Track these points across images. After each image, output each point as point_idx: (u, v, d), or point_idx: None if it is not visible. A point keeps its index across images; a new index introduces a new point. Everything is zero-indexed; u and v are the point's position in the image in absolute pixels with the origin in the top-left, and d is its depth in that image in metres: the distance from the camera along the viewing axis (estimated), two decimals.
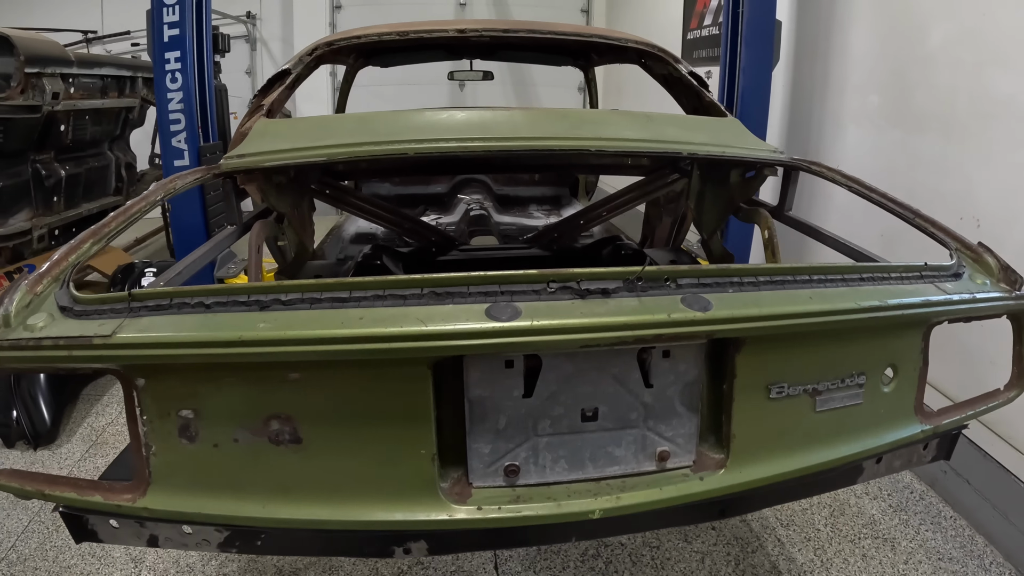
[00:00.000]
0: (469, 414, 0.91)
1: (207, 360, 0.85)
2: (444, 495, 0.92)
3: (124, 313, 0.90)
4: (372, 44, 2.14)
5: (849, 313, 0.96)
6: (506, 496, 0.93)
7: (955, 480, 2.29)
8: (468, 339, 0.80)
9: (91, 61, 3.68)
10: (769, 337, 0.95)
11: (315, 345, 0.81)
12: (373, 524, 0.92)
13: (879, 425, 1.15)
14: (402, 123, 1.51)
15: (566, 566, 2.04)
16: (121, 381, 0.94)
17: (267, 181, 1.50)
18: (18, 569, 2.03)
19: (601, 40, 2.10)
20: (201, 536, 1.08)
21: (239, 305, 0.88)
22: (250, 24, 6.19)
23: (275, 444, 0.91)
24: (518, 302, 0.84)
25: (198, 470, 0.94)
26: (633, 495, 0.95)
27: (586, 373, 0.91)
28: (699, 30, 3.87)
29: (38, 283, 0.96)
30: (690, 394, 0.97)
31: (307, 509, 0.92)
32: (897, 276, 1.09)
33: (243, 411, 0.90)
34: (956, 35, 2.24)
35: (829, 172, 1.49)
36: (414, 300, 0.85)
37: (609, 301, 0.85)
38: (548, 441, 0.94)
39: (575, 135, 1.42)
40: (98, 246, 1.12)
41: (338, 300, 0.86)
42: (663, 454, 0.98)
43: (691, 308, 0.85)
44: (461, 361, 0.89)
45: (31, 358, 0.88)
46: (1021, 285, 1.21)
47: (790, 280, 0.97)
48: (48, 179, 3.42)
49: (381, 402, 0.88)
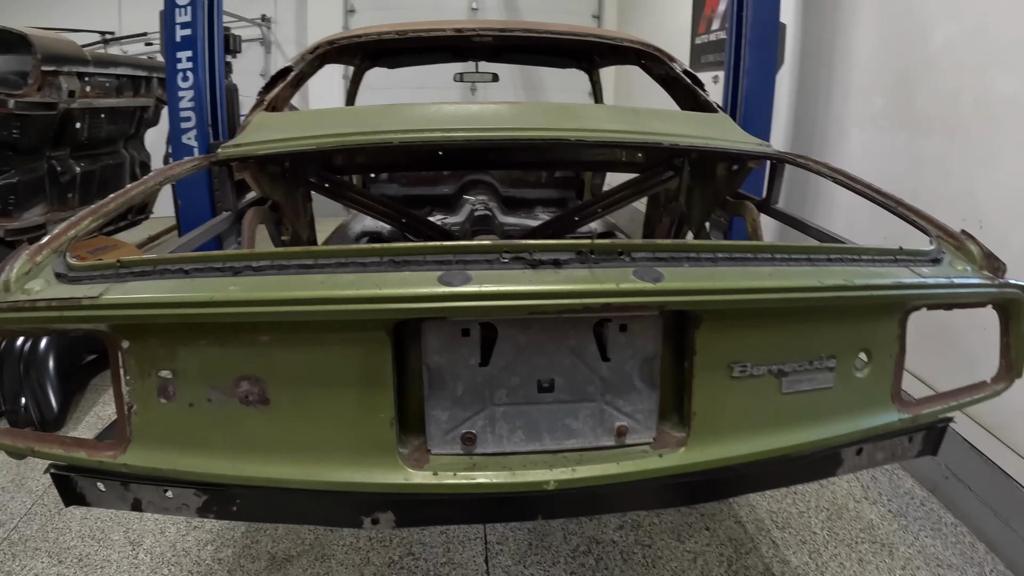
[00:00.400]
0: (427, 381, 0.97)
1: (182, 320, 0.93)
2: (403, 460, 0.97)
3: (112, 278, 0.98)
4: (373, 43, 2.23)
5: (810, 291, 0.98)
6: (462, 463, 0.98)
7: (956, 486, 2.28)
8: (418, 302, 0.86)
9: (107, 60, 3.84)
10: (728, 313, 0.99)
11: (279, 306, 0.88)
12: (334, 485, 0.97)
13: (852, 411, 1.16)
14: (391, 115, 1.58)
15: (556, 562, 2.07)
16: (107, 343, 1.02)
17: (261, 170, 1.58)
18: (19, 549, 2.12)
19: (598, 40, 2.17)
20: (181, 500, 1.15)
21: (214, 271, 0.95)
22: (265, 27, 6.39)
23: (245, 405, 0.97)
24: (471, 271, 0.90)
25: (174, 429, 1.01)
26: (590, 468, 0.99)
27: (541, 344, 0.96)
28: (707, 34, 3.93)
29: (38, 253, 1.04)
30: (649, 370, 1.01)
31: (273, 468, 0.98)
32: (868, 259, 1.11)
33: (216, 372, 0.97)
34: (958, 36, 2.26)
35: (815, 165, 1.53)
36: (373, 267, 0.91)
37: (560, 271, 0.90)
38: (505, 411, 0.98)
39: (557, 126, 1.48)
40: (96, 223, 1.20)
41: (304, 267, 0.92)
42: (621, 429, 1.01)
43: (642, 279, 0.89)
44: (419, 328, 0.94)
45: (26, 319, 0.97)
46: (1004, 273, 1.22)
47: (750, 257, 1.01)
48: (63, 175, 3.58)
49: (344, 366, 0.94)
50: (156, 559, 2.09)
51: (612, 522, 2.24)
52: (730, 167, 1.68)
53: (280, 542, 2.18)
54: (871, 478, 2.51)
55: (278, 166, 1.66)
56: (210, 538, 2.21)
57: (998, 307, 1.25)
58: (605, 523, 2.24)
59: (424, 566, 2.05)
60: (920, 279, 1.10)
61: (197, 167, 1.48)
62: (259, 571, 2.04)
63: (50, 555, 2.11)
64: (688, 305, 0.94)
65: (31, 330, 1.07)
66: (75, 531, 2.23)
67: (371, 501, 1.09)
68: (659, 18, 5.45)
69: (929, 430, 1.36)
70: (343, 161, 1.98)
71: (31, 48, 3.33)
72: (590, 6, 6.90)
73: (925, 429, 1.35)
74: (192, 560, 2.10)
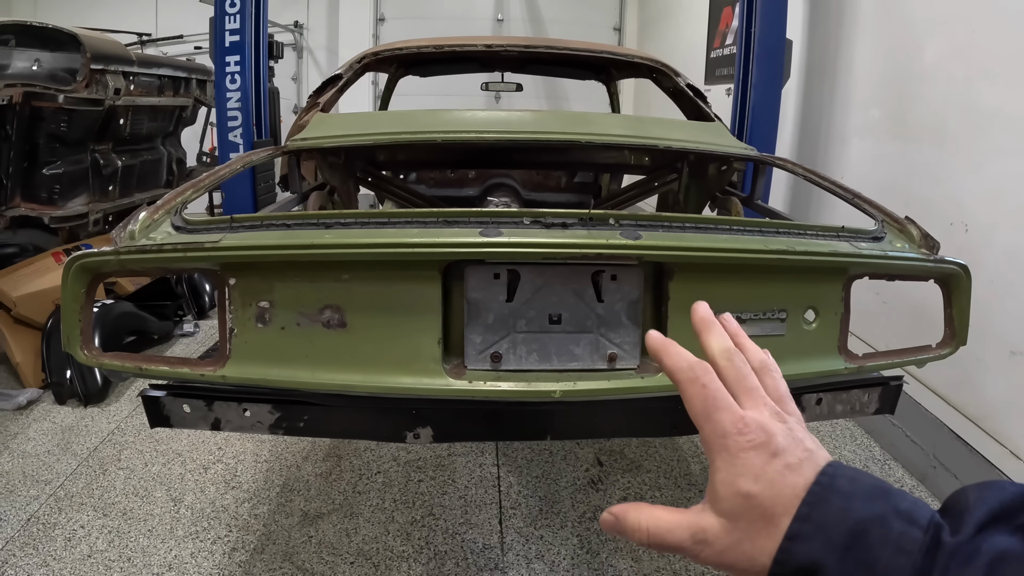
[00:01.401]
0: (467, 312, 1.40)
1: (285, 259, 1.36)
2: (446, 372, 1.40)
3: (227, 229, 1.42)
4: (413, 55, 2.71)
5: (757, 253, 1.40)
6: (491, 376, 1.40)
7: (944, 475, 2.65)
8: (465, 248, 1.30)
9: (150, 61, 4.38)
10: (694, 268, 1.41)
11: (363, 249, 1.31)
12: (393, 390, 1.39)
13: (803, 356, 1.55)
14: (434, 118, 2.05)
15: (564, 525, 2.47)
16: (217, 280, 1.43)
17: (323, 160, 2.04)
18: (65, 504, 2.55)
19: (611, 56, 2.63)
20: (256, 418, 1.58)
21: (311, 226, 1.39)
22: (297, 33, 6.99)
23: (327, 328, 1.40)
24: (503, 228, 1.33)
25: (267, 347, 1.42)
26: (587, 383, 1.41)
27: (552, 286, 1.39)
28: (721, 49, 4.39)
29: (155, 212, 1.46)
30: (634, 311, 1.44)
31: (345, 376, 1.41)
32: (813, 233, 1.52)
33: (306, 302, 1.40)
34: (949, 51, 2.68)
35: (790, 165, 1.96)
36: (432, 224, 1.35)
37: (566, 231, 1.34)
38: (524, 337, 1.41)
39: (571, 130, 1.93)
40: (198, 194, 1.65)
41: (380, 223, 1.37)
42: (612, 356, 1.44)
43: (625, 238, 1.33)
44: (463, 272, 1.38)
45: (152, 260, 1.37)
46: (938, 250, 1.62)
47: (712, 227, 1.43)
48: (105, 168, 4.10)
49: (406, 298, 1.38)
50: (196, 514, 2.52)
51: (616, 493, 2.65)
52: (720, 167, 2.12)
53: (312, 501, 2.61)
54: (863, 465, 2.89)
55: (337, 158, 2.13)
56: (247, 496, 2.65)
57: (940, 282, 1.65)
58: (610, 494, 2.64)
59: (444, 525, 2.47)
60: (855, 250, 1.51)
61: (271, 156, 1.95)
62: (292, 526, 2.46)
63: (95, 509, 2.54)
64: (659, 258, 1.37)
65: (153, 270, 1.46)
66: (119, 488, 2.67)
67: (416, 413, 1.52)
68: (677, 32, 5.95)
69: (884, 387, 1.74)
70: (385, 158, 2.44)
71: (81, 47, 3.86)
72: (611, 19, 7.45)
73: (880, 385, 1.74)
74: (230, 515, 2.53)
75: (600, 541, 2.37)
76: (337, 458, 2.87)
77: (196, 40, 6.09)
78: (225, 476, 2.74)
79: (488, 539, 2.39)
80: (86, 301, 1.38)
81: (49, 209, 3.86)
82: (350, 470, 2.79)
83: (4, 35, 3.79)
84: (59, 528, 2.39)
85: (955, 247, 2.47)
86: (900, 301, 2.90)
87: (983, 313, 2.12)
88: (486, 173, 3.73)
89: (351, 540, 2.36)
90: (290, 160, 1.95)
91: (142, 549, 2.29)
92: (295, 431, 1.60)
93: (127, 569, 2.20)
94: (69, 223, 3.95)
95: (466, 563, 2.26)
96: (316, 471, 2.78)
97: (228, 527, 2.44)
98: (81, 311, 1.37)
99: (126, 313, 3.63)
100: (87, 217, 4.00)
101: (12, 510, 2.49)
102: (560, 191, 3.93)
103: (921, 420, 2.77)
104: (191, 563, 2.23)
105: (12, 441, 2.96)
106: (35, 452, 2.88)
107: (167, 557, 2.26)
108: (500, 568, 2.24)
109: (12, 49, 3.80)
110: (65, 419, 3.17)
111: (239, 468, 2.79)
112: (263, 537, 2.38)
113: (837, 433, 3.18)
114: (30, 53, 3.82)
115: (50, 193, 3.86)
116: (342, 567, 2.23)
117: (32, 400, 3.27)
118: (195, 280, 4.18)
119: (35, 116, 3.65)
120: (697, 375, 0.51)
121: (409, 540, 2.37)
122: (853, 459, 2.96)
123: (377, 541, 2.36)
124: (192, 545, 2.32)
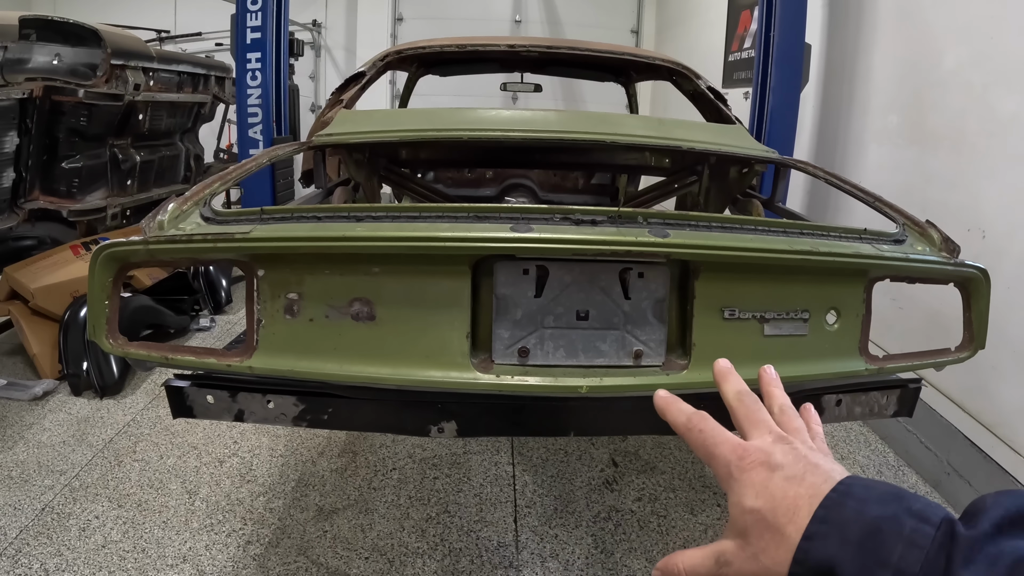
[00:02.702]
0: (496, 307, 1.41)
1: (316, 251, 1.37)
2: (474, 366, 1.42)
3: (256, 221, 1.44)
4: (434, 54, 2.74)
5: (782, 253, 1.41)
6: (518, 370, 1.42)
7: (958, 481, 2.65)
8: (495, 243, 1.31)
9: (170, 58, 4.43)
10: (720, 267, 1.42)
11: (394, 242, 1.33)
12: (421, 383, 1.41)
13: (824, 357, 1.56)
14: (459, 116, 2.07)
15: (579, 524, 2.48)
16: (245, 271, 1.43)
17: (348, 156, 2.06)
18: (80, 494, 2.57)
19: (632, 58, 2.65)
20: (280, 410, 1.59)
21: (342, 219, 1.41)
22: (316, 32, 7.04)
23: (355, 320, 1.42)
24: (533, 224, 1.35)
25: (294, 339, 1.43)
26: (613, 379, 1.42)
27: (580, 283, 1.40)
28: (739, 52, 4.41)
29: (184, 203, 1.47)
30: (660, 309, 1.45)
31: (374, 369, 1.42)
32: (836, 235, 1.53)
33: (335, 295, 1.41)
34: (968, 59, 2.69)
35: (812, 168, 1.97)
36: (463, 219, 1.37)
37: (596, 228, 1.35)
38: (551, 332, 1.42)
39: (596, 130, 1.95)
40: (225, 187, 1.68)
41: (411, 217, 1.38)
42: (638, 353, 1.45)
43: (654, 236, 1.34)
44: (492, 267, 1.40)
45: (181, 250, 1.37)
46: (958, 254, 1.63)
47: (738, 227, 1.45)
48: (124, 163, 4.14)
49: (436, 292, 1.39)
50: (211, 506, 2.54)
51: (631, 494, 2.66)
52: (740, 169, 2.13)
53: (327, 496, 2.63)
54: (876, 472, 2.89)
55: (362, 154, 2.15)
56: (262, 490, 2.67)
57: (959, 285, 1.66)
58: (624, 495, 2.65)
59: (459, 522, 2.48)
60: (878, 252, 1.52)
61: (297, 150, 1.97)
62: (307, 520, 2.48)
63: (110, 500, 2.56)
64: (687, 256, 1.38)
65: (181, 260, 1.48)
66: (134, 480, 2.69)
67: (441, 407, 1.54)
68: (695, 35, 5.97)
69: (903, 390, 1.76)
70: (408, 156, 2.47)
71: (101, 42, 3.90)
72: (629, 21, 7.48)
73: (899, 388, 1.75)
74: (245, 508, 2.55)
75: (614, 541, 2.38)
76: (353, 454, 2.89)
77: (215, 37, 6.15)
78: (240, 470, 2.76)
79: (503, 537, 2.40)
80: (113, 291, 1.39)
81: (67, 203, 3.89)
82: (365, 466, 2.81)
83: (25, 30, 3.83)
84: (73, 518, 2.42)
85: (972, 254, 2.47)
86: (916, 307, 2.90)
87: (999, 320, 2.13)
88: (504, 173, 3.75)
89: (366, 535, 2.38)
90: (315, 155, 1.98)
91: (156, 540, 2.31)
92: (319, 423, 1.61)
93: (141, 560, 2.21)
94: (87, 217, 3.99)
95: (480, 561, 2.27)
96: (331, 466, 2.80)
97: (243, 520, 2.46)
98: (108, 301, 1.39)
99: (143, 307, 3.66)
100: (105, 211, 4.04)
101: (27, 499, 2.51)
102: (577, 192, 3.95)
103: (935, 426, 2.78)
104: (205, 555, 2.25)
105: (28, 431, 2.99)
106: (50, 442, 2.91)
107: (182, 549, 2.28)
108: (515, 566, 2.25)
109: (33, 43, 3.84)
110: (81, 410, 3.20)
111: (255, 462, 2.81)
112: (278, 531, 2.39)
113: (851, 439, 3.19)
114: (51, 48, 3.85)
115: (69, 187, 3.90)
116: (357, 562, 2.25)
117: (48, 391, 3.30)
118: (212, 275, 4.21)
119: (55, 110, 3.69)
120: (693, 424, 0.57)
121: (424, 537, 2.38)
122: (867, 464, 2.96)
123: (392, 537, 2.37)
124: (207, 537, 2.34)
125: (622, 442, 3.02)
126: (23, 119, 3.55)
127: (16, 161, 3.55)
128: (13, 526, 2.34)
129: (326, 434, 3.03)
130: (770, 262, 1.42)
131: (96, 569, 2.16)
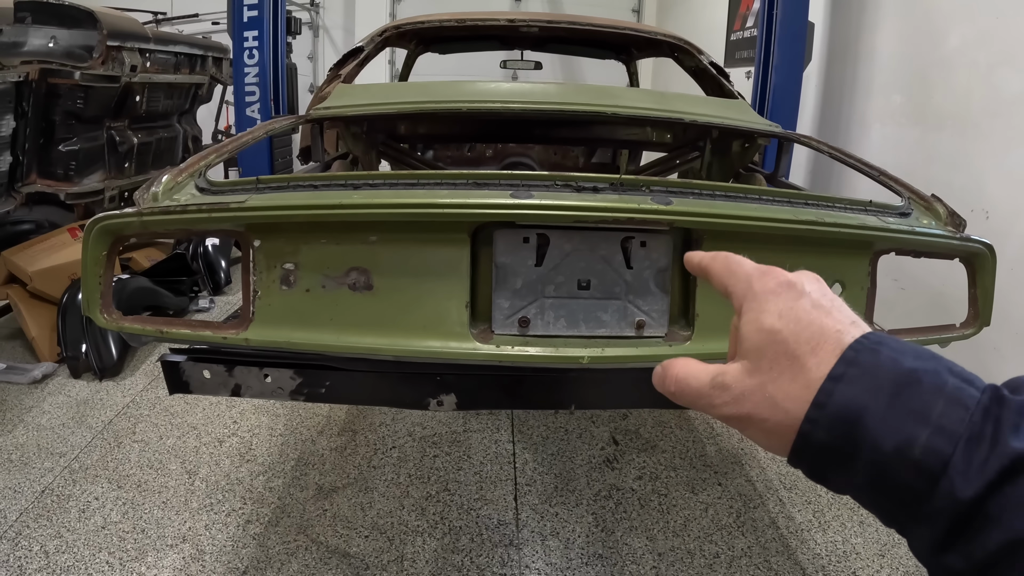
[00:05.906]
0: (495, 276, 1.39)
1: (312, 220, 1.34)
2: (473, 336, 1.39)
3: (252, 190, 1.41)
4: (434, 29, 2.69)
5: (787, 223, 1.38)
6: (518, 340, 1.39)
7: None
8: (495, 209, 1.28)
9: (167, 39, 4.37)
10: (723, 236, 1.39)
11: (392, 209, 1.30)
12: (420, 353, 1.38)
13: None
14: (457, 88, 2.03)
15: (579, 503, 2.46)
16: (241, 241, 1.41)
17: (346, 129, 2.03)
18: (79, 476, 2.55)
19: (635, 33, 2.61)
20: (277, 384, 1.56)
21: (339, 186, 1.38)
22: (314, 12, 6.97)
23: (353, 290, 1.39)
24: (533, 191, 1.32)
25: (291, 310, 1.40)
26: (614, 350, 1.40)
27: (582, 252, 1.37)
28: (742, 31, 4.36)
29: (177, 175, 1.44)
30: (662, 279, 1.42)
31: (371, 339, 1.40)
32: (841, 206, 1.50)
33: (332, 264, 1.38)
34: (972, 38, 2.65)
35: (816, 143, 1.93)
36: (462, 186, 1.34)
37: (597, 194, 1.32)
38: (552, 302, 1.40)
39: (597, 102, 1.91)
40: (220, 159, 1.64)
41: (409, 184, 1.35)
42: (640, 323, 1.42)
43: (657, 203, 1.31)
44: (492, 235, 1.37)
45: (176, 221, 1.35)
46: (964, 228, 1.60)
47: (742, 196, 1.42)
48: (121, 145, 4.09)
49: (434, 261, 1.36)
50: (211, 486, 2.52)
51: (632, 472, 2.64)
52: (743, 144, 2.10)
53: (327, 475, 2.61)
54: None
55: (359, 127, 2.11)
56: (262, 469, 2.65)
57: (965, 261, 1.63)
58: (625, 473, 2.64)
59: (459, 500, 2.46)
60: (883, 224, 1.49)
61: (294, 124, 1.94)
62: (307, 499, 2.46)
63: (110, 481, 2.54)
64: (690, 224, 1.35)
65: (176, 232, 1.45)
66: (134, 461, 2.67)
67: (440, 379, 1.51)
68: (696, 14, 5.91)
69: None
70: (406, 130, 2.43)
71: (97, 24, 3.85)
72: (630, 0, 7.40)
73: None
74: (245, 488, 2.53)
75: (615, 519, 2.37)
76: (352, 432, 2.87)
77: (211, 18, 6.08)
78: (240, 449, 2.74)
79: (503, 515, 2.38)
80: (107, 265, 1.36)
81: (65, 185, 3.85)
82: (365, 444, 2.79)
83: (21, 12, 3.77)
84: (73, 500, 2.40)
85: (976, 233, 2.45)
86: (917, 287, 2.88)
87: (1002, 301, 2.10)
88: (504, 151, 3.71)
89: (366, 514, 2.36)
90: (313, 129, 1.94)
91: (156, 521, 2.30)
92: (316, 397, 1.59)
93: (141, 540, 2.20)
94: (85, 199, 3.95)
95: (481, 539, 2.26)
96: (331, 445, 2.78)
97: (243, 500, 2.45)
98: (102, 275, 1.36)
99: (142, 288, 3.63)
100: (103, 194, 4.00)
101: (27, 482, 2.49)
102: (577, 170, 3.91)
103: None
104: (205, 535, 2.23)
105: (27, 414, 2.97)
106: (50, 425, 2.89)
107: (181, 529, 2.26)
108: (515, 544, 2.24)
109: (29, 26, 3.79)
110: (80, 393, 3.17)
111: (254, 441, 2.80)
112: (278, 510, 2.38)
113: None
114: (46, 30, 3.80)
115: (66, 170, 3.86)
116: (356, 540, 2.23)
117: (47, 374, 3.28)
118: (211, 256, 4.17)
119: (51, 93, 3.64)
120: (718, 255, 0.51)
121: (424, 515, 2.36)
122: None
123: (392, 515, 2.36)
124: (207, 517, 2.32)
125: (623, 420, 3.00)
126: (19, 102, 3.50)
127: (13, 145, 3.51)
128: (13, 509, 2.33)
129: (325, 412, 3.01)
130: (775, 232, 1.39)
131: (96, 550, 2.14)
